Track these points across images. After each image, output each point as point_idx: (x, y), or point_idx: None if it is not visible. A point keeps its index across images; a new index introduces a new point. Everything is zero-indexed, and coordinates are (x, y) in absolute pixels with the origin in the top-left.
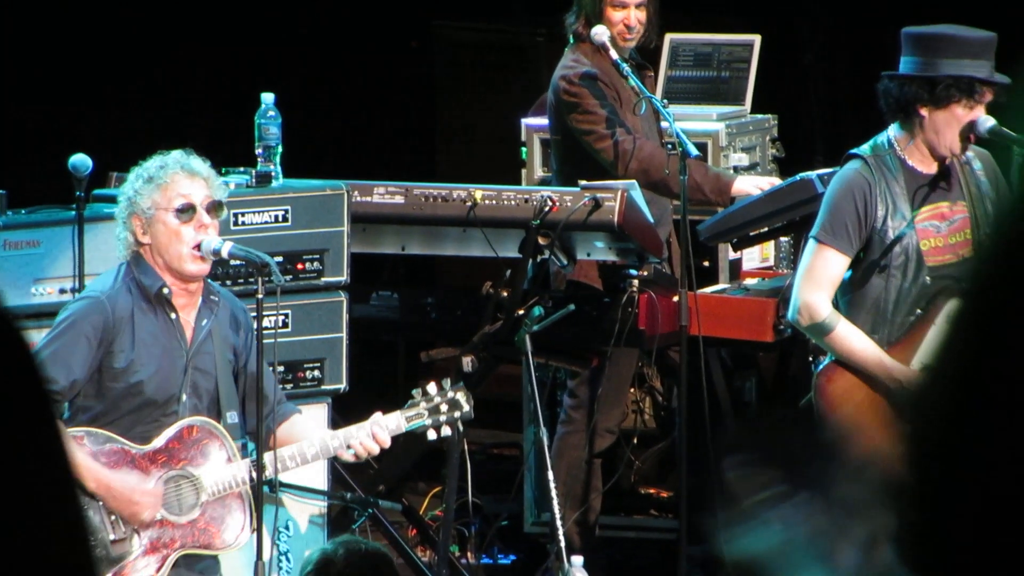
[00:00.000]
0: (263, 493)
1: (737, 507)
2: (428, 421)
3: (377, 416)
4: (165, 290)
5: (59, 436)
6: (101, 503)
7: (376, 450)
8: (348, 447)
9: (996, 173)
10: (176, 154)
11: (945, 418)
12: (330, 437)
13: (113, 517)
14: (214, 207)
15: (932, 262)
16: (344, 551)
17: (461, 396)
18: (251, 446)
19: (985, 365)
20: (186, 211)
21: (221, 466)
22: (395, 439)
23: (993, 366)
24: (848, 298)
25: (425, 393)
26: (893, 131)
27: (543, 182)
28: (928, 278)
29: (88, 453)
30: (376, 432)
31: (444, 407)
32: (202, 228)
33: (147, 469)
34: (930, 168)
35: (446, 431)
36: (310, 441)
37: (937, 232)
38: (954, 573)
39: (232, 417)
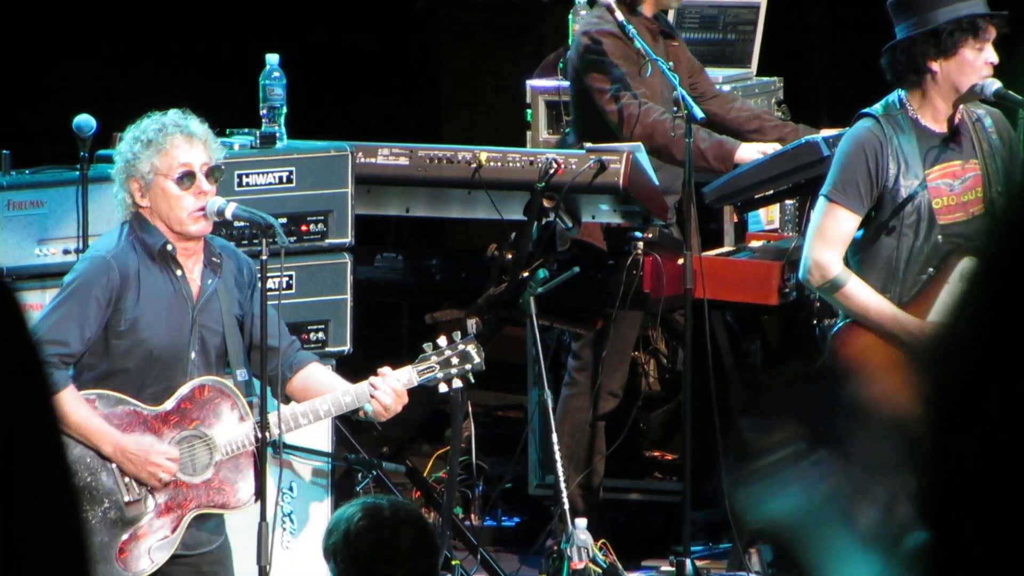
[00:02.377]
0: (267, 454)
1: (755, 465)
2: (440, 375)
3: (387, 371)
4: (169, 247)
5: (50, 405)
6: (115, 465)
7: (390, 404)
8: (363, 405)
9: (1009, 131)
10: (173, 115)
11: (961, 373)
12: (342, 393)
13: (127, 479)
14: (213, 172)
15: (944, 220)
16: (389, 503)
17: (472, 348)
18: (271, 405)
19: (1001, 322)
20: (185, 179)
21: (233, 425)
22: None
23: (1009, 323)
24: (859, 257)
25: (436, 347)
26: (904, 91)
27: (561, 143)
28: (940, 237)
29: (100, 416)
30: (395, 388)
31: (455, 360)
32: (201, 195)
33: (160, 430)
34: (942, 127)
35: (457, 384)
36: (323, 399)
37: (950, 190)
38: (974, 530)
39: (242, 375)
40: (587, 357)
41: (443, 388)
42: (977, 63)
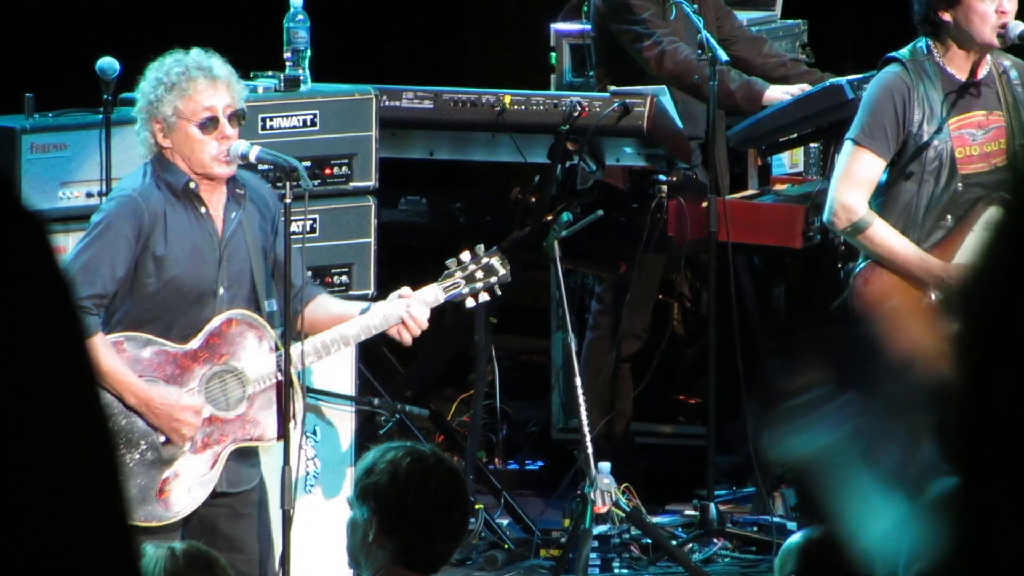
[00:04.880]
0: (291, 397)
1: (782, 407)
2: (465, 290)
3: (406, 291)
4: (192, 184)
5: (84, 346)
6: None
7: (417, 329)
8: (390, 326)
9: None
10: (196, 55)
11: (989, 316)
12: (369, 316)
13: None
14: (236, 117)
15: (965, 170)
16: (431, 451)
17: (496, 260)
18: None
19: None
20: (209, 124)
21: (264, 357)
22: (423, 346)
23: None
24: (880, 201)
25: (459, 262)
26: (929, 39)
27: (585, 88)
28: (960, 185)
29: (129, 358)
30: (414, 311)
31: (479, 274)
32: (225, 140)
33: (190, 367)
34: (967, 75)
35: (484, 297)
36: (351, 323)
37: (972, 140)
38: (998, 470)
39: (270, 306)
40: (610, 300)
41: (470, 303)
42: (987, 10)
